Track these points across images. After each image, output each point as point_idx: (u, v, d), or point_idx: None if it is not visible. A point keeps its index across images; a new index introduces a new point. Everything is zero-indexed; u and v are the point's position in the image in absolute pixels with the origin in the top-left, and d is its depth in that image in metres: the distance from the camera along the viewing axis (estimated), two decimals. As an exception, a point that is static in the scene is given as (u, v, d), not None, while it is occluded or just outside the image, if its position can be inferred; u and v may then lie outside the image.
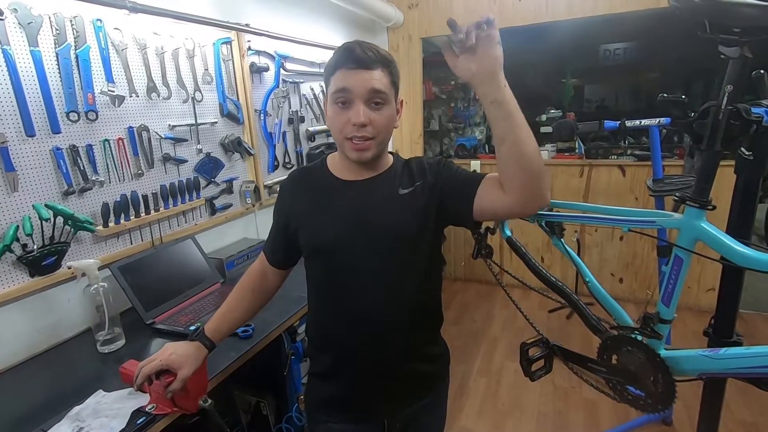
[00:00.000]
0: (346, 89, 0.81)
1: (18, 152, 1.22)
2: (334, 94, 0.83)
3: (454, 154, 3.52)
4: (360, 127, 0.81)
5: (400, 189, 0.90)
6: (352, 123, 0.81)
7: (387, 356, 0.92)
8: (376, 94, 0.82)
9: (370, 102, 0.82)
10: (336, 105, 0.83)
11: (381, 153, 0.90)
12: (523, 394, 2.19)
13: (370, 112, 0.82)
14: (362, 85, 0.80)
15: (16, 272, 1.24)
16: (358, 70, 0.80)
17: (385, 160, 0.94)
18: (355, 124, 0.81)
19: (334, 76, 0.83)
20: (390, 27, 3.29)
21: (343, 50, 0.82)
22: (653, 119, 1.86)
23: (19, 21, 1.19)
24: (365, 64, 0.80)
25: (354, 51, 0.80)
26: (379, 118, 0.83)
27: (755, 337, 2.57)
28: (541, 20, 2.88)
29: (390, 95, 0.85)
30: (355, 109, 0.81)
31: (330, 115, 0.86)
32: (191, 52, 1.71)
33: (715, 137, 0.83)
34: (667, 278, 1.02)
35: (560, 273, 3.12)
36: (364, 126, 0.81)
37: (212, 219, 1.90)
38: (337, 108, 0.83)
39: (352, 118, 0.81)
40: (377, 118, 0.83)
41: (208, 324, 0.97)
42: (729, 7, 0.73)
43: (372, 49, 0.82)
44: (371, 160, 0.87)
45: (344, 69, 0.81)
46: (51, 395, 1.08)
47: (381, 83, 0.82)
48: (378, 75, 0.82)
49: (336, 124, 0.84)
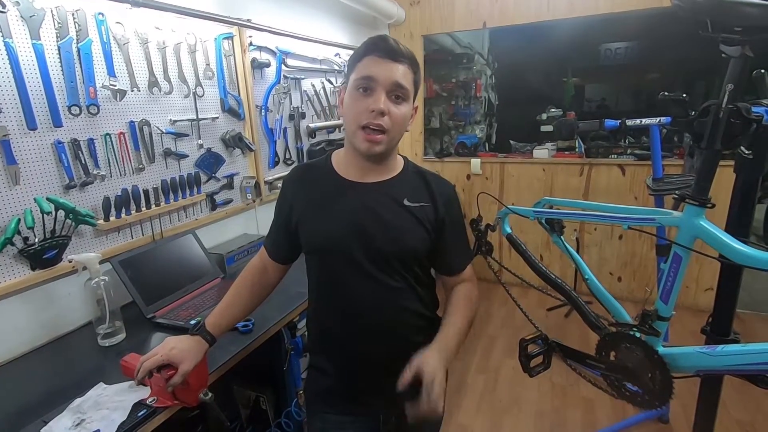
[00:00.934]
0: (371, 77, 0.81)
1: (20, 145, 1.22)
2: (357, 80, 0.82)
3: (455, 152, 3.52)
4: (378, 114, 0.81)
5: (406, 200, 0.90)
6: (371, 109, 0.80)
7: (384, 353, 0.93)
8: (398, 88, 0.82)
9: (391, 95, 0.82)
10: (357, 91, 0.82)
11: (390, 152, 0.90)
12: (521, 391, 2.20)
13: (389, 103, 0.82)
14: (388, 75, 0.80)
15: (17, 265, 1.24)
16: (387, 60, 0.80)
17: (394, 163, 0.94)
18: (374, 111, 0.80)
19: (361, 62, 0.82)
20: (391, 24, 3.29)
21: (374, 39, 0.83)
22: (653, 118, 1.86)
23: (22, 14, 1.19)
24: (394, 56, 0.81)
25: (386, 41, 0.81)
26: (397, 113, 0.83)
27: (752, 336, 2.58)
28: (542, 19, 2.87)
29: (410, 93, 0.85)
30: (376, 96, 0.81)
31: (348, 102, 0.85)
32: (193, 47, 1.71)
33: (716, 136, 0.83)
34: (666, 275, 1.03)
35: (559, 271, 3.12)
36: (382, 115, 0.81)
37: (213, 214, 1.90)
38: (358, 94, 0.83)
39: (372, 104, 0.80)
40: (395, 111, 0.83)
41: (209, 318, 0.98)
42: (731, 6, 0.73)
43: (402, 45, 0.83)
44: (380, 156, 0.86)
45: (373, 56, 0.81)
46: (52, 388, 1.09)
47: (405, 79, 0.82)
48: (403, 70, 0.82)
49: (353, 111, 0.83)
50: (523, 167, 3.20)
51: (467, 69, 4.32)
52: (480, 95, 4.40)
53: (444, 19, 3.15)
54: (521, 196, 3.22)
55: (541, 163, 3.14)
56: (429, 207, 0.92)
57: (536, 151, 3.19)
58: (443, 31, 3.30)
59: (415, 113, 0.90)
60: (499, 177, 3.29)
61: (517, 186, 3.25)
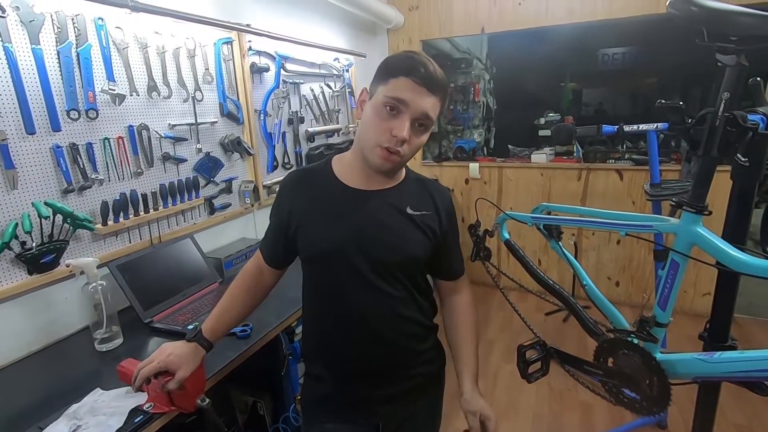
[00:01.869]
0: (404, 101, 0.78)
1: (18, 150, 1.22)
2: (387, 97, 0.79)
3: (453, 156, 3.53)
4: (399, 141, 0.80)
5: (409, 208, 0.90)
6: (393, 134, 0.79)
7: (382, 361, 0.93)
8: (425, 118, 0.81)
9: (416, 123, 0.81)
10: (384, 108, 0.80)
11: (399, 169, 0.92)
12: (519, 396, 2.19)
13: (411, 132, 0.81)
14: (420, 104, 0.79)
15: (15, 270, 1.24)
16: (423, 88, 0.79)
17: (399, 172, 0.94)
18: (396, 137, 0.79)
19: (396, 79, 0.79)
20: (390, 29, 3.30)
21: (415, 60, 0.80)
22: (651, 124, 1.87)
23: (21, 19, 1.19)
24: (430, 86, 0.79)
25: (428, 67, 0.79)
26: (416, 141, 0.83)
27: (750, 341, 2.59)
28: (540, 24, 2.89)
29: (433, 123, 0.85)
30: (402, 122, 0.79)
31: (370, 115, 0.82)
32: (192, 51, 1.72)
33: (712, 143, 0.83)
34: (664, 282, 1.03)
35: (557, 276, 3.13)
36: (403, 142, 0.80)
37: (211, 218, 1.90)
38: (384, 111, 0.80)
39: (396, 129, 0.79)
40: (415, 140, 0.83)
41: (205, 324, 0.97)
42: (726, 15, 0.74)
43: (440, 72, 0.82)
44: (390, 172, 0.88)
45: (411, 79, 0.78)
46: (48, 393, 1.08)
47: (434, 111, 0.82)
48: (434, 102, 0.81)
49: (375, 128, 0.81)
50: (521, 172, 3.21)
51: (466, 73, 4.33)
52: (478, 100, 4.42)
53: (443, 24, 3.16)
54: (519, 201, 3.23)
55: (539, 167, 3.15)
56: (432, 215, 0.92)
57: (534, 155, 3.20)
58: (442, 36, 3.31)
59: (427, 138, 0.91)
60: (498, 181, 3.29)
61: (516, 190, 3.25)
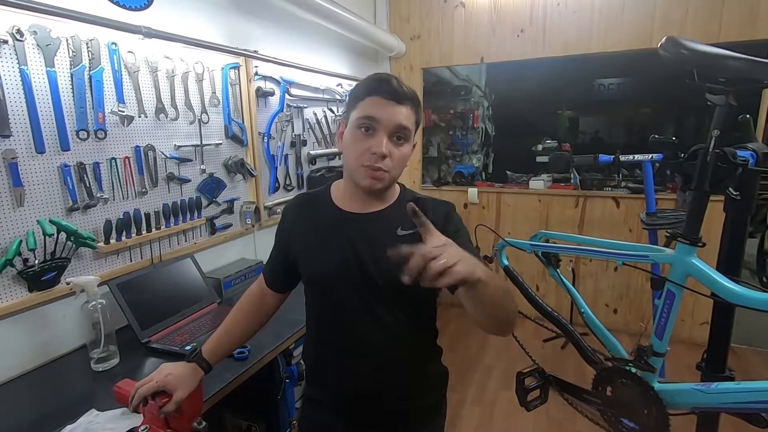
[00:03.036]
0: (374, 118, 0.81)
1: (27, 168, 1.24)
2: (360, 119, 0.82)
3: (452, 181, 3.58)
4: (379, 157, 0.81)
5: (400, 229, 0.89)
6: (372, 152, 0.81)
7: (381, 389, 0.92)
8: (401, 129, 0.82)
9: (393, 136, 0.82)
10: (359, 130, 0.83)
11: (390, 187, 0.91)
12: (517, 424, 2.16)
13: (391, 146, 0.82)
14: (391, 117, 0.81)
15: (15, 286, 1.24)
16: (390, 101, 0.81)
17: (392, 192, 0.94)
18: (375, 154, 0.81)
19: (363, 102, 0.83)
20: (392, 57, 3.39)
21: (378, 80, 0.83)
22: (646, 155, 1.92)
23: (38, 42, 1.23)
24: (398, 98, 0.81)
25: (390, 83, 0.82)
26: (398, 154, 0.84)
27: (748, 371, 2.57)
28: (538, 55, 2.98)
29: (412, 133, 0.86)
30: (378, 138, 0.81)
31: (348, 140, 0.85)
32: (200, 75, 1.76)
33: (704, 179, 0.86)
34: (660, 312, 1.04)
35: (555, 301, 3.12)
36: (383, 157, 0.81)
37: (212, 238, 1.91)
38: (359, 133, 0.83)
39: (374, 147, 0.81)
40: (396, 153, 0.83)
41: (205, 345, 0.97)
42: (715, 59, 0.78)
43: (405, 85, 0.84)
44: (381, 191, 0.88)
45: (377, 97, 0.81)
46: (43, 413, 1.07)
47: (408, 120, 0.83)
48: (406, 112, 0.83)
49: (355, 150, 0.84)
50: (520, 197, 3.25)
51: (465, 100, 4.43)
52: (477, 126, 4.50)
53: (443, 53, 3.26)
54: (517, 226, 3.25)
55: (537, 193, 3.18)
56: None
57: (532, 182, 3.25)
58: (442, 65, 3.41)
59: (414, 148, 0.91)
60: (496, 206, 3.32)
61: (514, 216, 3.28)
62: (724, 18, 2.50)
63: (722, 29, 2.51)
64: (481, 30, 3.10)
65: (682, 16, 2.60)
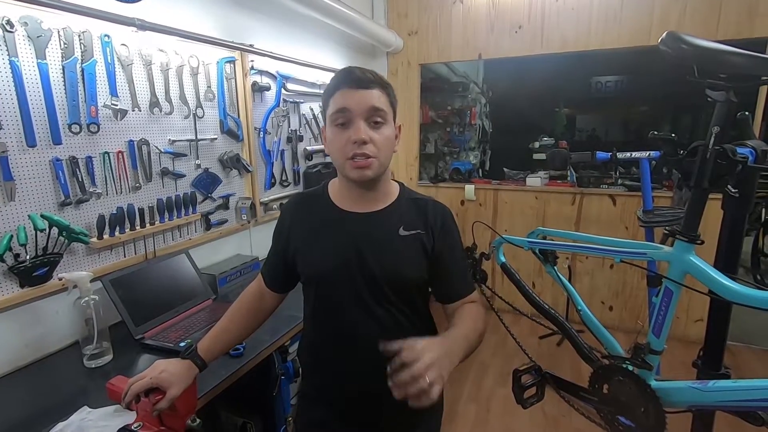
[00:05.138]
0: (345, 108, 0.82)
1: (18, 162, 1.22)
2: (333, 114, 0.83)
3: (449, 178, 3.57)
4: (361, 143, 0.81)
5: (402, 229, 0.89)
6: (353, 140, 0.81)
7: (378, 387, 0.91)
8: (375, 112, 0.82)
9: (370, 120, 0.82)
10: (335, 127, 0.84)
11: (382, 176, 0.89)
12: (513, 422, 2.16)
13: (370, 131, 0.82)
14: (362, 102, 0.81)
15: (6, 282, 1.22)
16: (358, 89, 0.81)
17: (389, 189, 0.93)
18: (356, 141, 0.81)
19: (333, 97, 0.84)
20: (390, 52, 3.37)
21: (341, 73, 0.84)
22: (643, 152, 1.92)
23: (29, 34, 1.21)
24: (364, 84, 0.82)
25: (353, 72, 0.83)
26: (379, 137, 0.83)
27: (744, 369, 2.59)
28: (536, 52, 2.97)
29: (389, 115, 0.86)
30: (355, 126, 0.81)
31: (330, 138, 0.86)
32: (195, 69, 1.74)
33: (703, 176, 0.86)
34: (657, 309, 1.04)
35: (551, 298, 3.13)
36: (365, 143, 0.81)
37: (207, 234, 1.89)
38: (337, 129, 0.83)
39: (353, 135, 0.81)
40: (377, 137, 0.83)
41: (201, 342, 0.96)
42: (716, 54, 0.77)
43: (369, 71, 0.84)
44: (372, 181, 0.86)
45: (343, 89, 0.82)
46: (34, 411, 1.06)
47: (380, 101, 0.83)
48: (377, 94, 0.83)
49: (336, 146, 0.84)
50: (517, 194, 3.25)
51: (462, 97, 4.42)
52: (474, 123, 4.49)
53: (441, 49, 3.24)
54: (514, 223, 3.25)
55: (534, 191, 3.18)
56: (424, 234, 0.91)
57: (529, 179, 3.24)
58: (440, 61, 3.39)
59: (399, 132, 0.91)
60: (493, 203, 3.32)
61: (511, 213, 3.28)
62: (723, 15, 2.50)
63: (720, 27, 2.51)
64: (479, 26, 3.08)
65: (680, 14, 2.59)
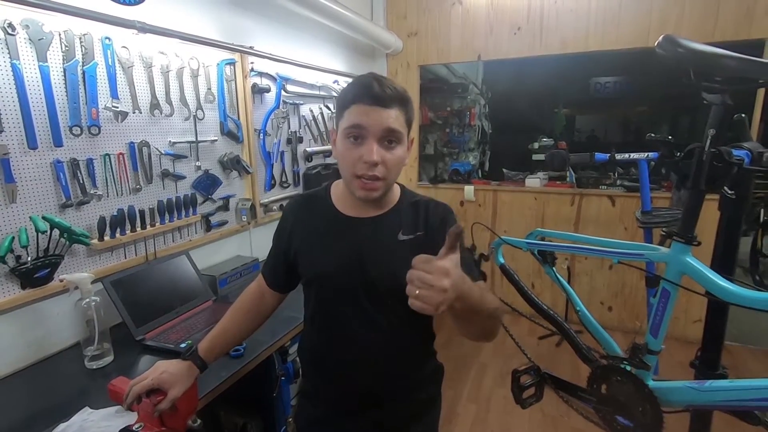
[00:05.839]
0: (360, 126, 0.79)
1: (19, 164, 1.22)
2: (347, 128, 0.80)
3: (448, 179, 3.58)
4: (371, 165, 0.79)
5: (401, 234, 0.88)
6: (364, 161, 0.79)
7: (377, 387, 0.92)
8: (390, 133, 0.79)
9: (383, 141, 0.80)
10: (348, 140, 0.81)
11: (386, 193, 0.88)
12: (512, 421, 2.17)
13: (383, 151, 0.80)
14: (378, 123, 0.78)
15: (8, 284, 1.22)
16: (375, 107, 0.78)
17: (392, 195, 0.92)
18: (367, 162, 0.79)
19: (348, 110, 0.80)
20: (389, 53, 3.38)
21: (360, 85, 0.80)
22: (642, 153, 1.93)
23: (30, 37, 1.21)
24: (382, 102, 0.78)
25: (372, 87, 0.78)
26: (392, 158, 0.81)
27: (741, 369, 2.59)
28: (535, 53, 2.98)
29: (404, 134, 0.83)
30: (368, 146, 0.79)
31: (340, 150, 0.84)
32: (195, 71, 1.75)
33: (700, 178, 0.87)
34: (655, 310, 1.05)
35: (550, 298, 3.13)
36: (375, 165, 0.79)
37: (207, 235, 1.90)
38: (349, 143, 0.81)
39: (365, 155, 0.79)
40: (389, 157, 0.81)
41: (202, 343, 0.97)
42: (712, 58, 0.78)
43: (390, 86, 0.80)
44: (376, 200, 0.86)
45: (360, 104, 0.78)
46: (35, 412, 1.06)
47: (397, 122, 0.80)
48: (394, 114, 0.79)
49: (347, 160, 0.82)
50: (516, 195, 3.25)
51: (462, 98, 4.43)
52: (474, 123, 4.51)
53: (440, 50, 3.25)
54: (513, 224, 3.26)
55: (533, 191, 3.19)
56: (422, 236, 0.90)
57: (528, 179, 3.25)
58: (439, 62, 3.40)
59: (411, 145, 0.89)
60: (492, 204, 3.33)
61: (510, 214, 3.29)
62: (720, 17, 2.51)
63: (718, 28, 2.52)
64: (478, 27, 3.09)
65: (678, 15, 2.60)
